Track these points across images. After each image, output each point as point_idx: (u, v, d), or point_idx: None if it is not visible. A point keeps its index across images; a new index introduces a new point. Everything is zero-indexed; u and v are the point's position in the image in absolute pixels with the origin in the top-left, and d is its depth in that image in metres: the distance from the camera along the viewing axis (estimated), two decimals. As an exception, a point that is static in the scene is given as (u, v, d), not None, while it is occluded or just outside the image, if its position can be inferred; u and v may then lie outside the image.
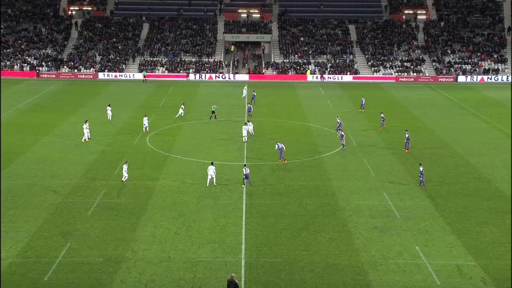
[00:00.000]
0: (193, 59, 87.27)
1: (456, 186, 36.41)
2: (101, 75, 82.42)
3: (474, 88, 76.96)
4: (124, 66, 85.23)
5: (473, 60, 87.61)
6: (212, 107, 55.90)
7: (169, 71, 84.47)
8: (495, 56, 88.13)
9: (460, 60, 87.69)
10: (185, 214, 31.49)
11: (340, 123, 48.57)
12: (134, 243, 28.04)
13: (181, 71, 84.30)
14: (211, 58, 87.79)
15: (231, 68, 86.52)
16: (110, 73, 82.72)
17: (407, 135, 44.48)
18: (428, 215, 31.51)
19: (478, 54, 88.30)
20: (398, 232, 29.31)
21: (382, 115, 52.78)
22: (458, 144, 46.58)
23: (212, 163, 36.60)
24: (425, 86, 78.04)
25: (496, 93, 72.31)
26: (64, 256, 26.59)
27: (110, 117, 53.57)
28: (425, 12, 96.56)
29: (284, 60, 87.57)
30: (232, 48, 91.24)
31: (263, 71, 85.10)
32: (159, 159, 41.12)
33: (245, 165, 37.85)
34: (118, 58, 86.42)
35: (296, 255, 26.94)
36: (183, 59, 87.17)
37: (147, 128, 49.52)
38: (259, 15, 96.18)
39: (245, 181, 35.82)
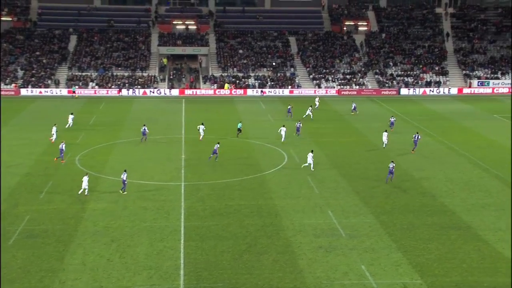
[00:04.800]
0: (126, 74, 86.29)
1: (400, 201, 37.45)
2: (23, 91, 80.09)
3: (416, 101, 79.72)
4: (49, 82, 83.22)
5: (415, 72, 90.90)
6: (238, 124, 55.74)
7: (99, 86, 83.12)
8: (437, 68, 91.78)
9: (402, 73, 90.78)
10: (118, 239, 30.88)
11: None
12: (62, 272, 27.21)
13: (112, 86, 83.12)
14: (145, 72, 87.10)
15: (166, 83, 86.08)
16: (34, 89, 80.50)
17: (415, 137, 49.88)
18: (374, 233, 32.21)
19: (420, 66, 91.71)
20: (344, 252, 29.79)
21: (392, 119, 59.38)
22: (401, 158, 47.98)
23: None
24: (367, 99, 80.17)
25: (438, 106, 75.15)
26: (-16, 291, 25.48)
27: (71, 124, 56.73)
28: (366, 23, 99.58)
29: (223, 74, 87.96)
30: (164, 61, 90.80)
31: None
32: (89, 181, 40.22)
33: (218, 143, 45.69)
34: (43, 73, 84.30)
35: (238, 279, 26.88)
36: (114, 74, 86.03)
37: (53, 139, 50.59)
38: (195, 27, 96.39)
39: (212, 155, 44.70)
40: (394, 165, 41.24)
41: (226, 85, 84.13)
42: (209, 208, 35.72)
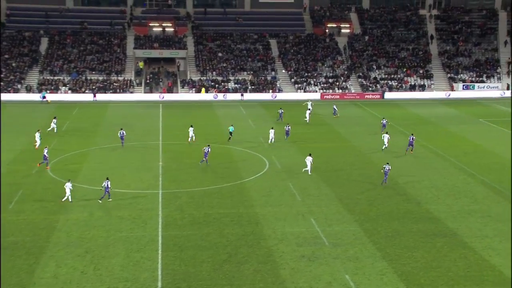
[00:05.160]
0: (100, 78, 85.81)
1: (385, 208, 37.71)
2: (-8, 96, 79.23)
3: (401, 105, 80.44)
4: (19, 86, 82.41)
5: (399, 75, 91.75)
6: (230, 128, 56.29)
7: (72, 91, 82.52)
8: (421, 71, 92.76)
9: (386, 76, 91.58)
10: (93, 250, 30.66)
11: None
12: (33, 287, 26.91)
13: (86, 91, 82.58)
14: (121, 76, 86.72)
15: (143, 87, 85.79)
16: (2, 94, 79.58)
17: (411, 139, 51.54)
18: (358, 241, 32.38)
19: (404, 69, 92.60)
20: (327, 261, 29.90)
21: (383, 121, 61.53)
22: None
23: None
24: (351, 104, 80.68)
25: (423, 110, 75.90)
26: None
27: (55, 129, 57.85)
28: (348, 25, 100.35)
29: (201, 78, 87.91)
30: (141, 64, 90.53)
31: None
32: (62, 190, 39.86)
33: (208, 145, 47.07)
34: (12, 77, 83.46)
35: (218, 291, 26.84)
36: (88, 78, 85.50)
37: (37, 145, 50.78)
38: (172, 29, 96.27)
39: (204, 159, 45.92)
40: (389, 167, 42.39)
41: (203, 90, 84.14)
42: (187, 217, 35.63)
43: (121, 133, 53.19)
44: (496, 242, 32.32)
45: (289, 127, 56.75)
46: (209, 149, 47.06)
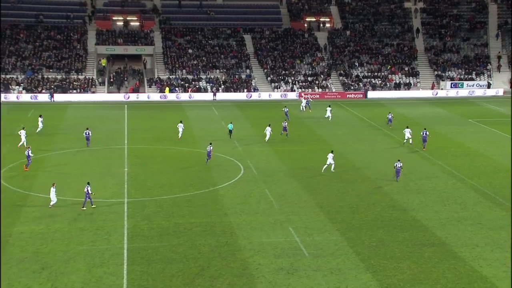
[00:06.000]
0: (59, 76, 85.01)
1: (369, 216, 37.92)
2: None
3: (385, 104, 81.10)
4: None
5: (383, 73, 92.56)
6: (229, 126, 58.65)
7: (27, 91, 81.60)
8: (406, 68, 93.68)
9: (369, 74, 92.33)
10: (50, 266, 30.27)
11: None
12: (-14, 306, 26.50)
13: (43, 91, 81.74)
14: (81, 74, 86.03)
15: (106, 87, 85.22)
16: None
17: (424, 134, 54.75)
18: (340, 252, 32.50)
19: (389, 66, 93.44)
20: (307, 273, 29.94)
21: (389, 115, 65.28)
22: (369, 168, 48.65)
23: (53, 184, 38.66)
24: (332, 103, 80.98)
25: (408, 110, 76.64)
26: None
27: (40, 128, 58.92)
28: (329, 20, 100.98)
29: (170, 76, 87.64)
30: (103, 62, 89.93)
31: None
32: (16, 200, 39.38)
33: (210, 143, 48.76)
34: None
35: (189, 308, 26.72)
36: (45, 76, 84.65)
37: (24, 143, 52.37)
38: (138, 23, 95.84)
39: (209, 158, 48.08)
40: (401, 164, 44.61)
41: (167, 89, 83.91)
42: (156, 228, 35.43)
43: (87, 133, 53.94)
44: (487, 251, 32.68)
45: (286, 124, 59.86)
46: (212, 147, 48.95)
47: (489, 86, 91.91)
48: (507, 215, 38.02)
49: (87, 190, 38.23)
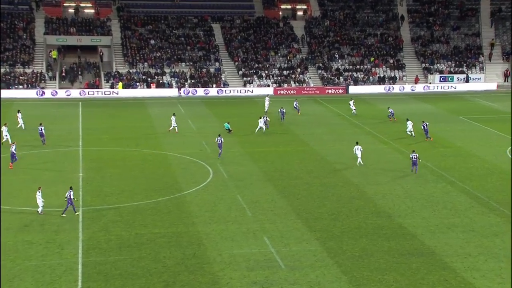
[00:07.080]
0: (2, 70, 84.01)
1: (351, 224, 38.10)
2: None
3: (368, 100, 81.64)
4: None
5: (365, 66, 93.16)
6: (225, 125, 60.53)
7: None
8: (391, 61, 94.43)
9: (351, 67, 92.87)
10: (-4, 283, 29.93)
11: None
12: None
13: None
14: (28, 68, 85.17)
15: (57, 82, 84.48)
16: None
17: (424, 126, 58.35)
18: (319, 263, 32.61)
19: (372, 59, 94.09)
20: (284, 287, 30.00)
21: (390, 109, 68.16)
22: (351, 171, 48.90)
23: None
24: (309, 100, 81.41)
25: (394, 106, 76.97)
26: None
27: (22, 125, 61.59)
28: (306, 7, 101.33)
29: (130, 70, 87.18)
30: (53, 54, 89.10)
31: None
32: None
33: (219, 135, 51.69)
34: None
35: (152, 328, 26.62)
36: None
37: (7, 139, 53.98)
38: (93, 11, 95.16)
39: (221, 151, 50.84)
40: (417, 155, 47.50)
41: (120, 84, 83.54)
42: (114, 239, 35.20)
43: (40, 129, 55.01)
44: (480, 261, 33.01)
45: (284, 109, 65.98)
46: (222, 139, 51.67)
47: (467, 80, 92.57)
48: (501, 221, 38.50)
49: (70, 196, 38.37)
